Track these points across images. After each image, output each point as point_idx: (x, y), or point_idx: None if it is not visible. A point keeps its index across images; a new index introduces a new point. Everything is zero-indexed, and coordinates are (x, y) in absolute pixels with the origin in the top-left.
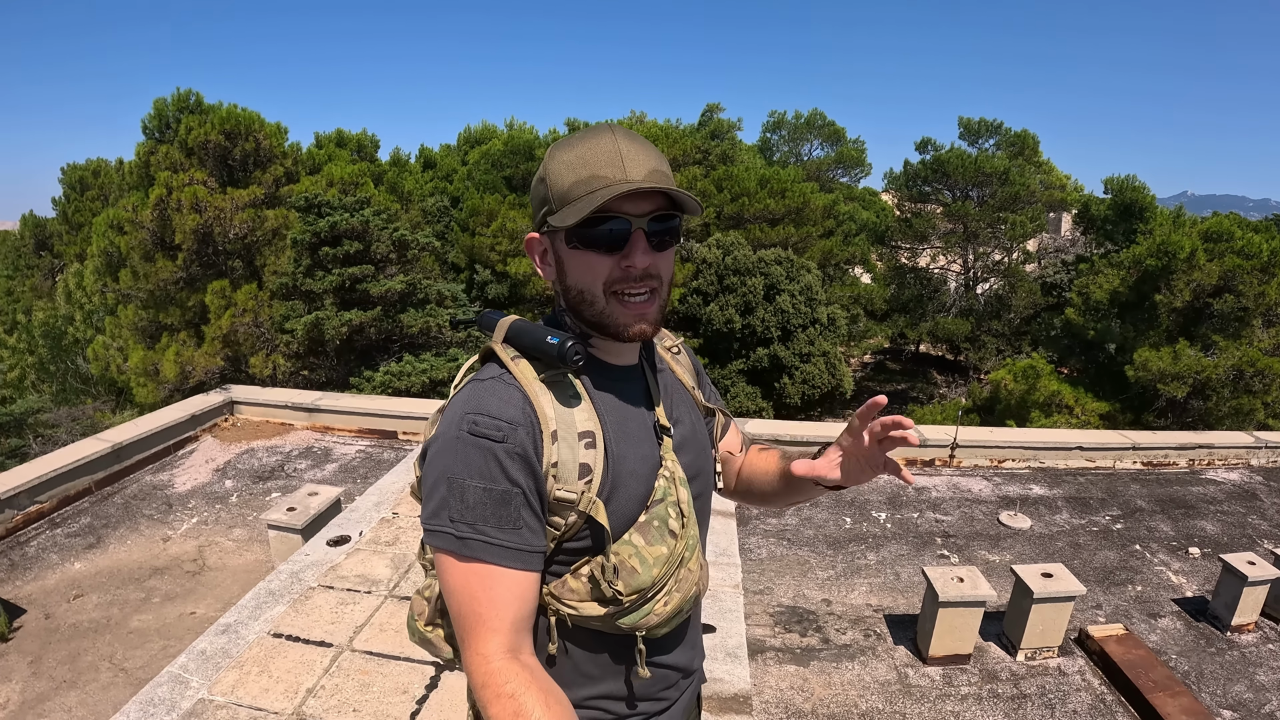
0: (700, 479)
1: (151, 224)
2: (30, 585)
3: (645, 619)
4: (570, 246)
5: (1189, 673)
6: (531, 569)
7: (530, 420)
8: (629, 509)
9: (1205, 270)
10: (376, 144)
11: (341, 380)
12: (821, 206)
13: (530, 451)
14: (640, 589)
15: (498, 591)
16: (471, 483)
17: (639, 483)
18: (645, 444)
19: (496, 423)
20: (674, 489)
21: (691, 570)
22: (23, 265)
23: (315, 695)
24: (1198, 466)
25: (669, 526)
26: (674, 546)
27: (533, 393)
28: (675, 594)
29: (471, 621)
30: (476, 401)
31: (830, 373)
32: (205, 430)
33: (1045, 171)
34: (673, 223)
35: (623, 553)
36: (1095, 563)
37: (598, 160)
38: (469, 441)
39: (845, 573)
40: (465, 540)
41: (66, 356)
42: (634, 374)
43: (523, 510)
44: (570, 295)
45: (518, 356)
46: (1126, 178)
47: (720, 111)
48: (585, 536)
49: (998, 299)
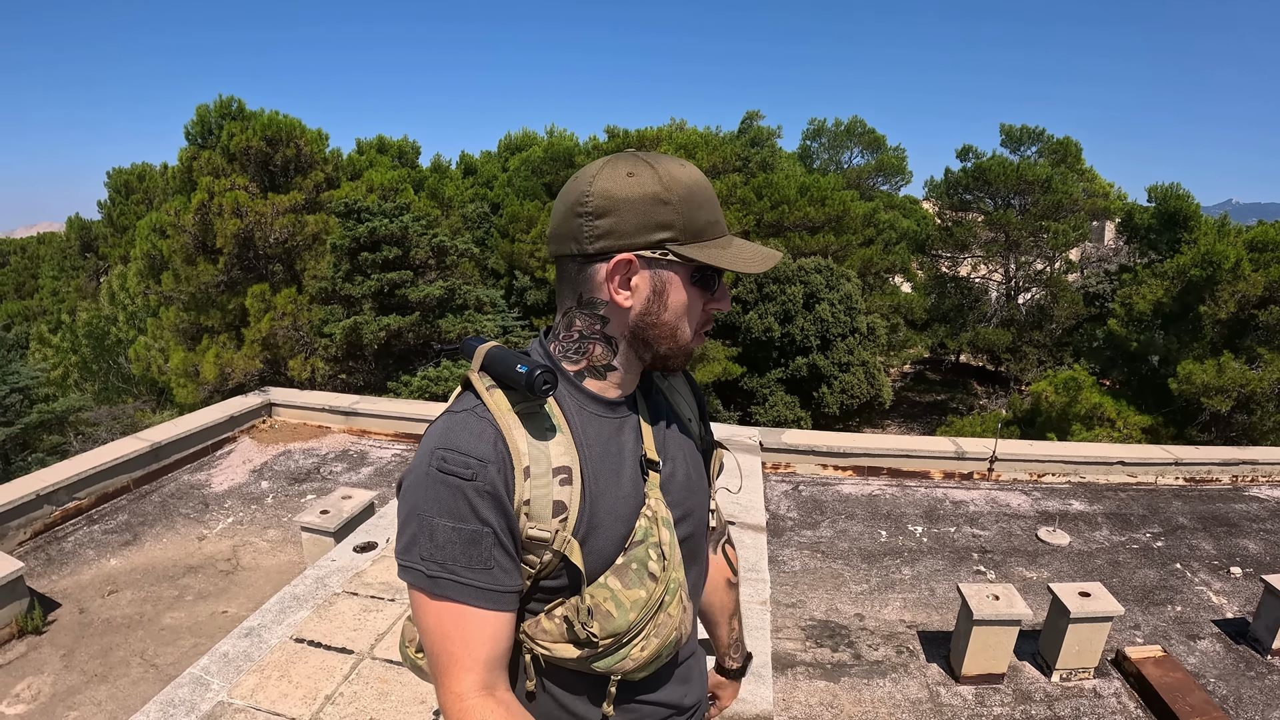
0: (691, 519)
1: (194, 228)
2: (66, 580)
3: (620, 663)
4: (690, 282)
5: (1227, 697)
6: (504, 609)
7: (501, 456)
8: (606, 550)
9: (1250, 281)
10: (418, 150)
11: (379, 384)
12: (861, 214)
13: (500, 489)
14: (616, 633)
15: (470, 631)
16: (440, 521)
17: (618, 523)
18: (628, 482)
19: (466, 459)
20: (655, 529)
21: (671, 615)
22: (68, 266)
23: (333, 702)
24: (1241, 483)
25: (648, 569)
26: (653, 590)
27: (505, 426)
28: (653, 639)
29: (445, 660)
30: (446, 436)
31: (869, 382)
32: (243, 431)
33: (1088, 179)
34: None
35: (598, 595)
36: (1134, 581)
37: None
38: (437, 479)
39: (879, 587)
40: (435, 579)
41: (109, 356)
42: (624, 406)
43: (494, 550)
44: (657, 328)
45: (493, 386)
46: (1170, 186)
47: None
48: (562, 575)
49: (1039, 309)
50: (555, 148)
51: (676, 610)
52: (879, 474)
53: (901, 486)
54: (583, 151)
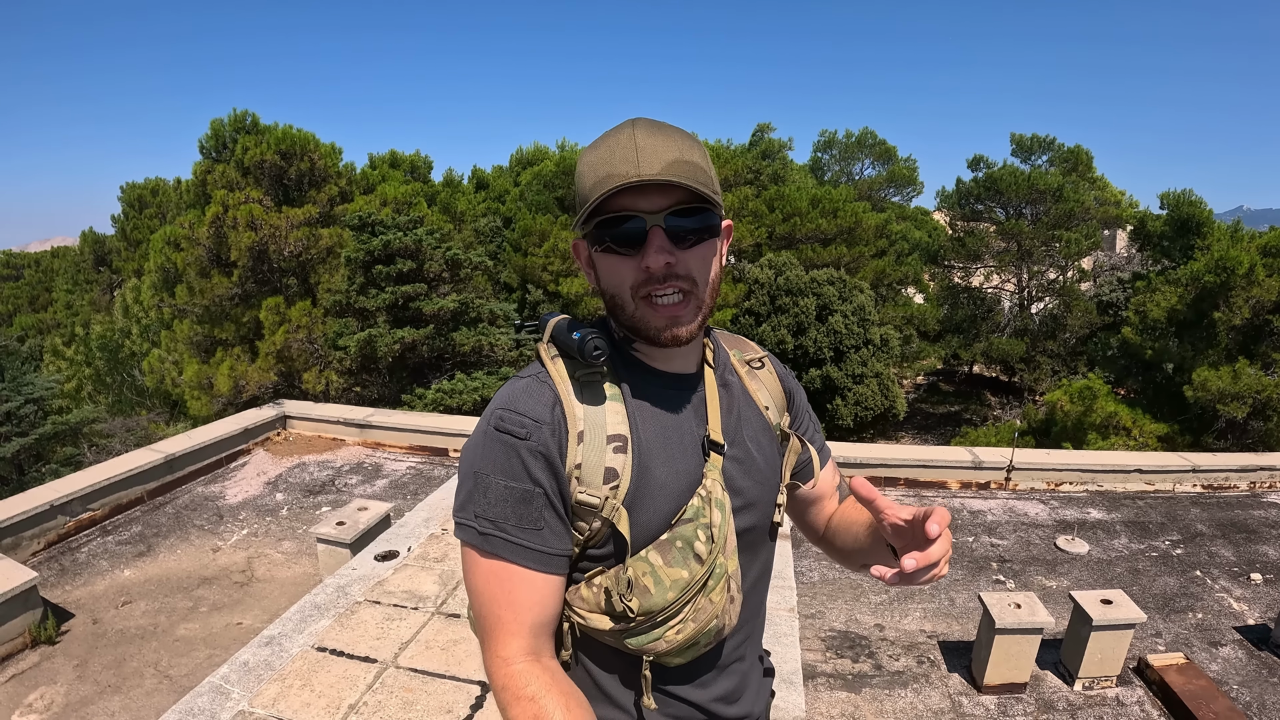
0: (755, 509)
1: (208, 241)
2: (80, 590)
3: (654, 643)
4: (597, 250)
5: (1250, 704)
6: (553, 571)
7: (557, 419)
8: (652, 523)
9: (1265, 286)
10: (430, 165)
11: (393, 397)
12: (874, 226)
13: (554, 451)
14: (650, 610)
15: (518, 594)
16: (495, 479)
17: (667, 498)
18: (683, 458)
19: (521, 419)
20: (708, 510)
21: (713, 601)
22: (82, 280)
23: (357, 712)
24: (1259, 489)
25: (694, 549)
26: (695, 571)
27: (564, 391)
28: (690, 623)
29: (491, 623)
30: (507, 398)
31: (883, 394)
32: (257, 443)
33: (1099, 187)
34: (698, 218)
35: (637, 569)
36: (1154, 589)
37: (614, 158)
38: (494, 437)
39: (899, 597)
40: (487, 536)
41: (123, 369)
42: (688, 383)
43: (545, 511)
44: (606, 300)
45: (557, 356)
46: (1183, 192)
47: (771, 131)
48: (608, 544)
49: (1053, 318)
50: (567, 161)
51: (720, 597)
52: (896, 484)
53: (919, 496)
54: None
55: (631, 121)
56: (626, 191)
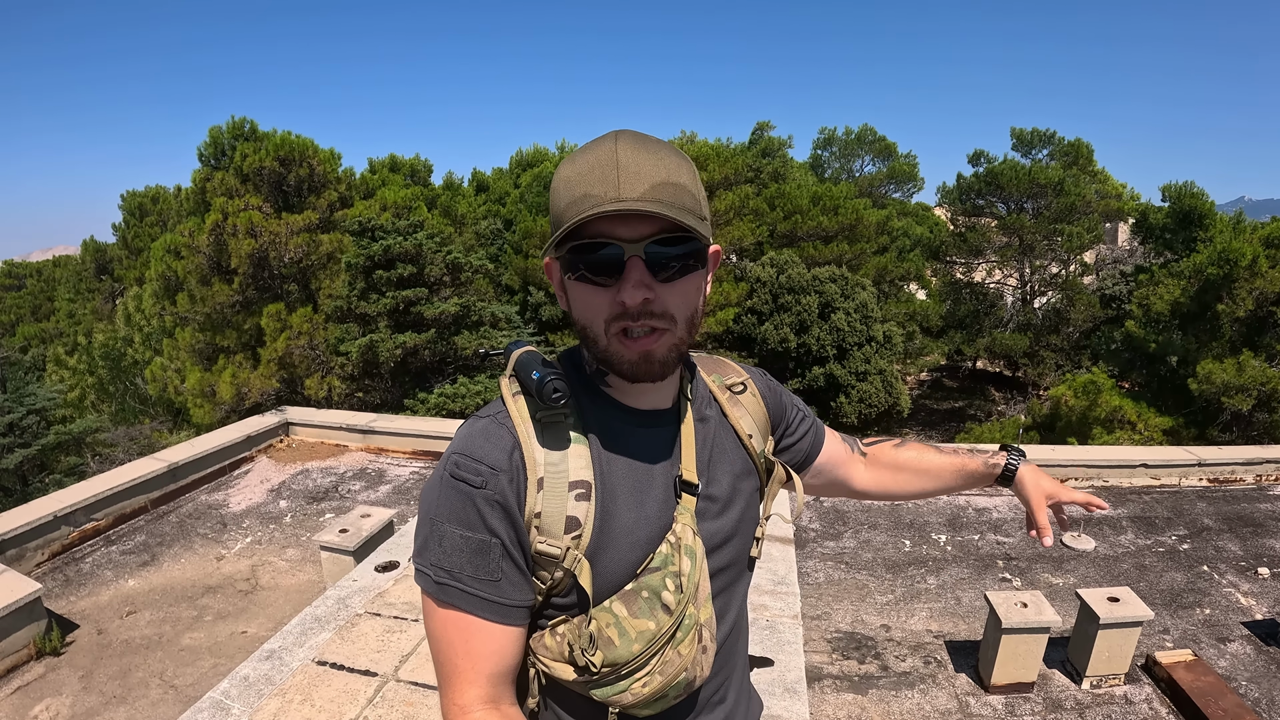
0: (731, 545)
1: (208, 248)
2: (84, 601)
3: (619, 695)
4: (569, 277)
5: (1259, 700)
6: (511, 623)
7: (515, 465)
8: (617, 572)
9: (1268, 278)
10: (429, 168)
11: (396, 402)
12: (875, 223)
13: (511, 500)
14: (615, 663)
15: (474, 644)
16: (451, 528)
17: (633, 546)
18: (652, 502)
19: (478, 466)
20: (677, 558)
21: (681, 654)
22: (84, 289)
23: None
24: (1265, 482)
25: (661, 600)
26: (663, 622)
27: (524, 434)
28: (657, 676)
29: (448, 671)
30: (465, 441)
31: (887, 391)
32: (260, 451)
33: (1100, 181)
34: (682, 247)
35: (601, 620)
36: (1162, 585)
37: (592, 176)
38: (450, 484)
39: (905, 597)
40: (443, 586)
41: (125, 377)
42: (662, 419)
43: (502, 561)
44: (578, 330)
45: (519, 393)
46: (1184, 184)
47: (770, 129)
48: (571, 594)
49: (1056, 313)
50: None
51: (689, 649)
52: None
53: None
54: None
55: (615, 135)
56: (604, 216)
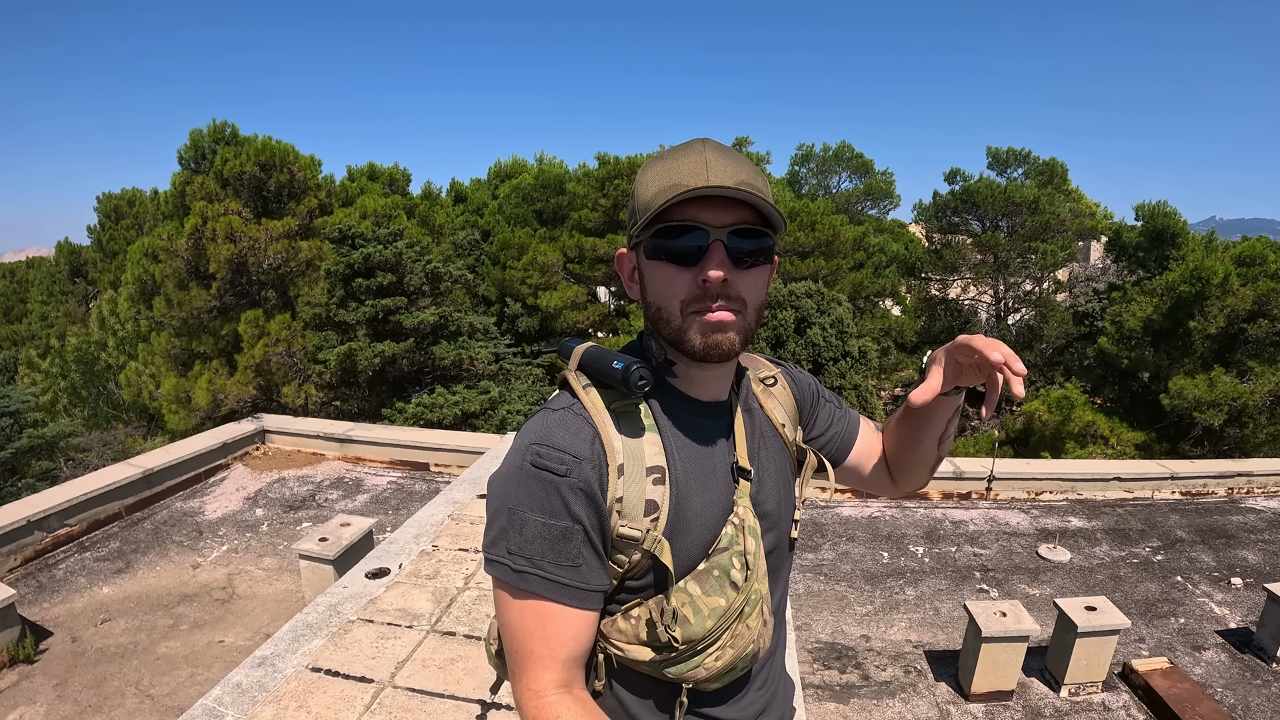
0: (777, 530)
1: (186, 253)
2: (58, 608)
3: (694, 671)
4: (650, 259)
5: (1234, 706)
6: (589, 607)
7: (597, 454)
8: (690, 554)
9: (1239, 295)
10: (408, 177)
11: (374, 411)
12: (851, 239)
13: (595, 487)
14: (691, 639)
15: (552, 629)
16: (532, 516)
17: (704, 528)
18: (717, 487)
19: (561, 455)
20: (741, 538)
21: (750, 627)
22: (57, 291)
23: None
24: (1237, 495)
25: (730, 577)
26: (733, 599)
27: (601, 424)
28: (729, 649)
29: (523, 656)
30: (543, 432)
31: (862, 406)
32: (236, 458)
33: (1074, 199)
34: (760, 241)
35: (676, 599)
36: (1137, 595)
37: (683, 169)
38: (531, 474)
39: (884, 608)
40: (522, 574)
41: (99, 382)
42: (719, 410)
43: (583, 547)
44: (650, 313)
45: (589, 385)
46: (1158, 204)
47: (749, 145)
48: (647, 575)
49: (1030, 329)
50: (545, 175)
51: (756, 623)
52: (878, 496)
53: (901, 508)
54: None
55: (701, 140)
56: (691, 203)
